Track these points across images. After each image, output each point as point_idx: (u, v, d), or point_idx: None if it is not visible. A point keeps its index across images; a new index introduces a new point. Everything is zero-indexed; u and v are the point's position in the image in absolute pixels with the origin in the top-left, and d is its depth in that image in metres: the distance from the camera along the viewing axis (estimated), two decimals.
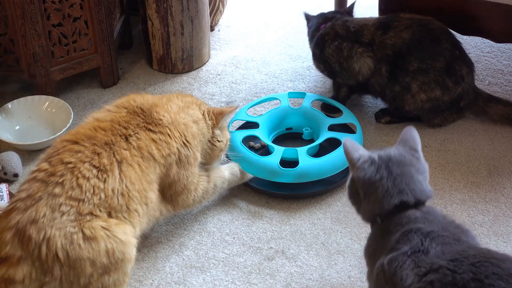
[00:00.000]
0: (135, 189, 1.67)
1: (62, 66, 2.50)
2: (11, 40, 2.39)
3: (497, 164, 2.25)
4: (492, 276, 1.34)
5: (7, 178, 2.20)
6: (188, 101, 1.95)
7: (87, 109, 2.56)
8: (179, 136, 1.83)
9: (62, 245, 1.50)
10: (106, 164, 1.64)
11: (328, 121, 2.28)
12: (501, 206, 2.10)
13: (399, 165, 1.52)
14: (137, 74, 2.77)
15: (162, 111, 1.83)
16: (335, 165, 2.13)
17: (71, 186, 1.57)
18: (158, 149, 1.76)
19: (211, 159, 2.00)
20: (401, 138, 1.62)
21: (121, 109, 1.82)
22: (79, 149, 1.65)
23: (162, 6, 2.60)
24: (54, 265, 1.50)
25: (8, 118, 2.41)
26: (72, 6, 2.42)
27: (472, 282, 1.33)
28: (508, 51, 2.80)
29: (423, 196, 1.52)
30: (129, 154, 1.69)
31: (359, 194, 1.56)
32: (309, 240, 2.00)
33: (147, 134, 1.76)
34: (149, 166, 1.73)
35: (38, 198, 1.55)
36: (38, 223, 1.51)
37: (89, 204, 1.57)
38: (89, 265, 1.53)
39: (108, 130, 1.72)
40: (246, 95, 2.62)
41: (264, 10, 3.25)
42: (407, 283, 1.40)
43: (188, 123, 1.88)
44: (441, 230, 1.47)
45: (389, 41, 2.30)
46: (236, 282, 1.87)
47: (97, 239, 1.54)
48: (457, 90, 2.31)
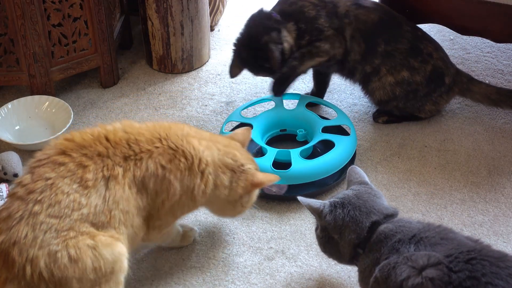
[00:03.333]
0: (118, 209, 1.59)
1: (62, 66, 2.50)
2: (11, 40, 2.39)
3: (497, 164, 2.25)
4: (490, 275, 1.33)
5: (7, 178, 2.20)
6: (228, 163, 1.75)
7: (87, 109, 2.56)
8: (193, 185, 1.68)
9: (46, 265, 1.47)
10: (89, 179, 1.56)
11: (322, 123, 2.27)
12: (501, 206, 2.10)
13: (358, 197, 1.65)
14: (137, 74, 2.77)
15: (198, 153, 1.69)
16: (328, 167, 2.12)
17: (49, 204, 1.51)
18: (156, 183, 1.64)
19: (224, 214, 1.90)
20: (349, 179, 1.76)
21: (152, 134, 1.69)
22: (63, 161, 1.58)
23: (162, 6, 2.60)
24: (40, 284, 1.47)
25: (8, 118, 2.41)
26: (72, 6, 2.42)
27: (468, 280, 1.33)
28: (508, 51, 2.80)
29: (389, 211, 1.62)
30: (122, 172, 1.60)
31: (333, 240, 1.66)
32: (309, 240, 2.00)
33: (154, 165, 1.63)
34: (140, 193, 1.64)
35: (19, 218, 1.50)
36: (20, 244, 1.47)
37: (70, 220, 1.51)
38: (76, 282, 1.50)
39: (116, 143, 1.63)
40: (246, 95, 2.62)
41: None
42: (402, 277, 1.40)
43: (209, 180, 1.71)
44: (423, 232, 1.51)
45: (362, 16, 2.31)
46: (236, 282, 1.87)
47: (83, 259, 1.49)
48: (427, 68, 2.32)
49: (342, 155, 2.15)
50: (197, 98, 2.62)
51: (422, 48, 2.33)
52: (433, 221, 2.03)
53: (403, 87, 2.33)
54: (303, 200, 1.69)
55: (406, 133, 2.40)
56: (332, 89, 2.63)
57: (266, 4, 3.33)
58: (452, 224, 2.02)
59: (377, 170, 2.24)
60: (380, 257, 1.53)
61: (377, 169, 2.25)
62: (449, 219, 2.05)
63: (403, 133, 2.40)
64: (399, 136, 2.39)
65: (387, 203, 1.68)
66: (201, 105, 2.58)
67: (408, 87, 2.33)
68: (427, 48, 2.34)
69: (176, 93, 2.65)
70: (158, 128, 1.71)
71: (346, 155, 2.17)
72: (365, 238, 1.59)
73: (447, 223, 2.02)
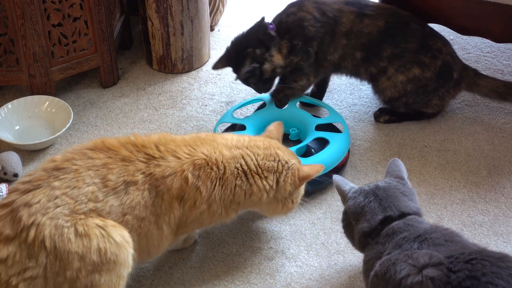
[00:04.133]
0: (133, 214, 1.61)
1: (62, 66, 2.50)
2: (11, 40, 2.39)
3: (497, 164, 2.25)
4: (490, 275, 1.33)
5: (7, 178, 2.20)
6: (269, 167, 1.75)
7: (87, 109, 2.56)
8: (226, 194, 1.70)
9: (50, 234, 1.49)
10: (110, 180, 1.61)
11: (314, 121, 2.26)
12: (501, 206, 2.10)
13: (385, 190, 1.66)
14: (137, 74, 2.77)
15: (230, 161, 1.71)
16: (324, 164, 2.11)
17: (69, 185, 1.57)
18: (185, 192, 1.66)
19: (274, 214, 1.86)
20: (388, 170, 1.76)
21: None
22: (92, 155, 1.64)
23: (162, 6, 2.60)
24: (40, 252, 1.49)
25: (8, 118, 2.40)
26: (72, 6, 2.42)
27: (468, 280, 1.33)
28: (508, 51, 2.80)
29: (407, 210, 1.63)
30: (143, 178, 1.63)
31: (352, 226, 1.68)
32: (309, 240, 2.00)
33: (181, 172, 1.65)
34: (161, 200, 1.65)
35: (37, 185, 1.56)
36: (31, 208, 1.52)
37: (84, 206, 1.56)
38: (77, 259, 1.50)
39: (143, 146, 1.67)
40: (246, 95, 2.62)
41: (264, 10, 3.24)
42: (402, 275, 1.40)
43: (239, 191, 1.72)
44: (429, 233, 1.52)
45: (365, 29, 2.30)
46: (236, 282, 1.87)
47: (90, 236, 1.52)
48: (437, 63, 2.33)
49: (336, 153, 2.14)
50: (197, 98, 2.61)
51: (432, 44, 2.34)
52: (433, 221, 2.04)
53: (415, 83, 2.34)
54: (335, 179, 1.74)
55: (406, 133, 2.40)
56: (332, 89, 2.63)
57: (266, 5, 3.34)
58: (452, 224, 2.02)
59: (377, 170, 2.24)
60: (383, 251, 1.54)
61: (377, 169, 2.25)
62: (449, 219, 2.05)
63: (403, 133, 2.40)
64: (399, 136, 2.39)
65: (417, 203, 1.68)
66: (201, 105, 2.58)
67: (419, 83, 2.34)
68: (436, 43, 2.35)
69: (176, 93, 2.64)
70: (191, 138, 1.74)
71: (340, 152, 2.16)
72: (376, 230, 1.61)
73: (447, 223, 2.02)
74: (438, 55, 2.34)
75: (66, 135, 2.41)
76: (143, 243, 1.66)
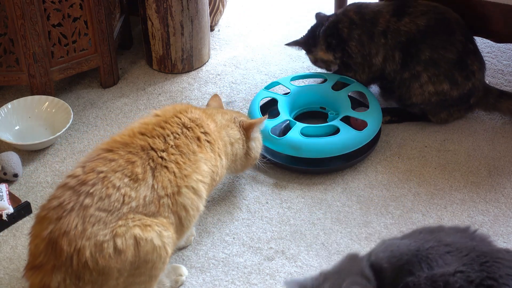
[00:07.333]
0: (168, 194, 1.68)
1: (62, 66, 2.50)
2: (11, 40, 2.39)
3: (497, 164, 2.25)
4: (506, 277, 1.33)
5: (7, 178, 2.20)
6: (228, 119, 2.00)
7: (87, 109, 2.56)
8: (216, 153, 1.87)
9: (91, 254, 1.53)
10: (139, 173, 1.65)
11: (347, 112, 2.32)
12: (501, 206, 2.10)
13: None
14: (137, 74, 2.77)
15: (208, 123, 1.90)
16: (356, 140, 2.22)
17: (100, 197, 1.58)
18: (200, 146, 1.80)
19: (245, 168, 2.10)
20: (344, 267, 1.57)
21: (166, 113, 1.86)
22: (113, 157, 1.66)
23: (162, 6, 2.60)
24: (85, 272, 1.54)
25: (8, 118, 2.40)
26: (72, 6, 2.42)
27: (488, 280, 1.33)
28: (508, 51, 2.80)
29: None
30: (166, 154, 1.71)
31: None
32: (309, 240, 2.00)
33: (192, 133, 1.81)
34: (188, 160, 1.76)
35: (70, 209, 1.57)
36: (70, 235, 1.54)
37: (118, 213, 1.59)
38: (116, 271, 1.56)
39: (147, 132, 1.75)
40: (246, 95, 2.62)
41: (264, 10, 3.25)
42: None
43: (226, 144, 1.95)
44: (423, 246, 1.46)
45: (403, 27, 2.31)
46: (236, 282, 1.87)
47: (125, 252, 1.56)
48: (466, 86, 2.31)
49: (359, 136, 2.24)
50: (197, 98, 2.62)
51: (469, 64, 2.31)
52: (433, 221, 2.04)
53: (439, 97, 2.33)
54: None
55: (406, 133, 2.40)
56: None
57: (266, 5, 3.34)
58: (452, 224, 2.02)
59: (377, 170, 2.24)
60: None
61: (377, 169, 2.25)
62: (449, 219, 2.05)
63: (403, 133, 2.40)
64: (399, 136, 2.38)
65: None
66: (201, 105, 2.57)
67: (443, 97, 2.33)
68: (473, 65, 2.31)
69: (176, 93, 2.65)
70: (175, 108, 1.89)
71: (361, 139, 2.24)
72: None
73: (447, 223, 2.02)
74: (471, 78, 2.31)
75: (66, 135, 2.41)
76: (183, 215, 1.71)
